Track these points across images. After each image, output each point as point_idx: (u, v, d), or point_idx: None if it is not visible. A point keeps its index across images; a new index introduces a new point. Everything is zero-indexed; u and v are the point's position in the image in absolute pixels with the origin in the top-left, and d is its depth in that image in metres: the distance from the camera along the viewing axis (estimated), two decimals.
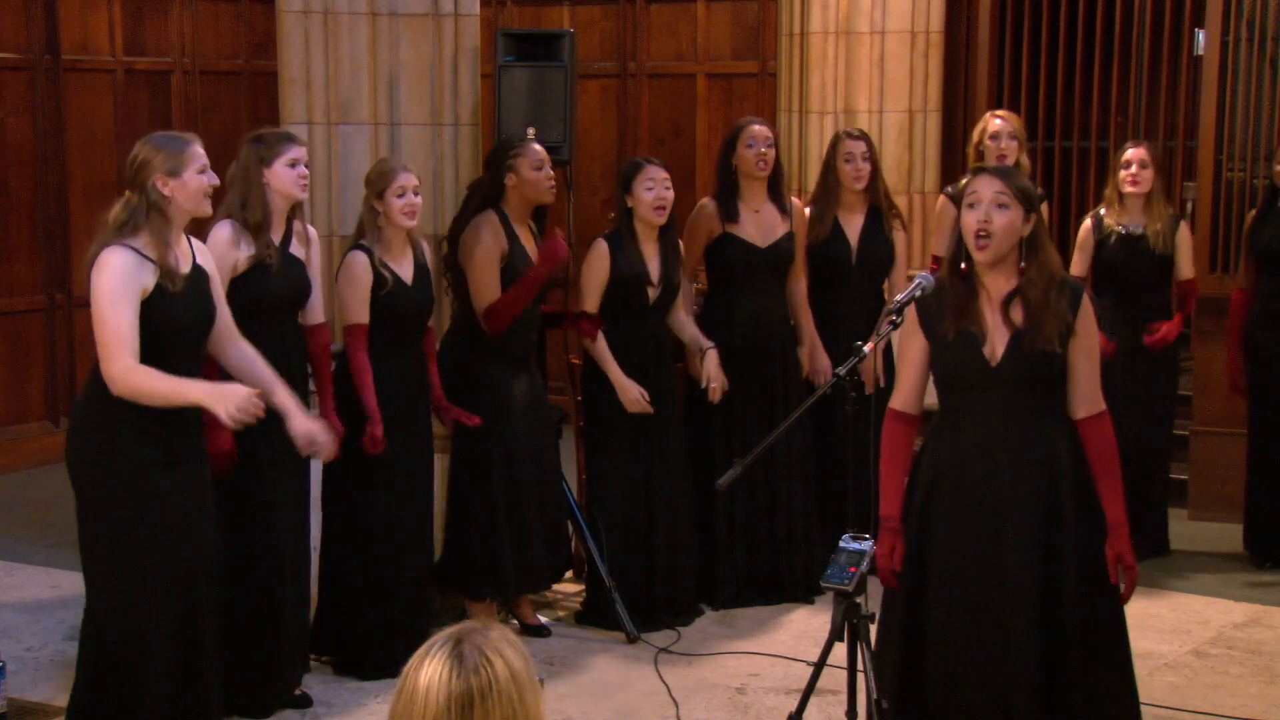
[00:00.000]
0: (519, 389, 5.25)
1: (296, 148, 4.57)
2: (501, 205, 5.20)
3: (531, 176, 5.18)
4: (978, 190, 3.63)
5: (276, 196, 4.54)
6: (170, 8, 8.48)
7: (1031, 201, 3.66)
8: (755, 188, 5.68)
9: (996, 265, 3.64)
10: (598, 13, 8.98)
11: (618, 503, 5.47)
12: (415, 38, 5.39)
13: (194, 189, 3.99)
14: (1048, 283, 3.62)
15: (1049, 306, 3.59)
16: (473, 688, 1.96)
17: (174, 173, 3.96)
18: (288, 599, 4.61)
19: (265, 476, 4.53)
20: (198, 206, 4.04)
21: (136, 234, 3.94)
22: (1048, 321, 3.59)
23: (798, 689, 4.01)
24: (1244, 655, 5.22)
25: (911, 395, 3.79)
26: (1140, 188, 6.10)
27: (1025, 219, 3.63)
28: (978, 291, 3.66)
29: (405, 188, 4.84)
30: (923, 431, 3.87)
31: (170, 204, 3.97)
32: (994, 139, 6.06)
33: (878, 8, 7.28)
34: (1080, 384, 3.66)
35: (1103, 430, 3.68)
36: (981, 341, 3.63)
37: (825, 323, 5.84)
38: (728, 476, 3.68)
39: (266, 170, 4.51)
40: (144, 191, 3.96)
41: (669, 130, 8.92)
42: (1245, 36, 6.63)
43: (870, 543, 3.60)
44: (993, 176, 3.67)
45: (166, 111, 8.31)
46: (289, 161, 4.53)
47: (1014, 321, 3.62)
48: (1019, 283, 3.63)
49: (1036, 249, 3.64)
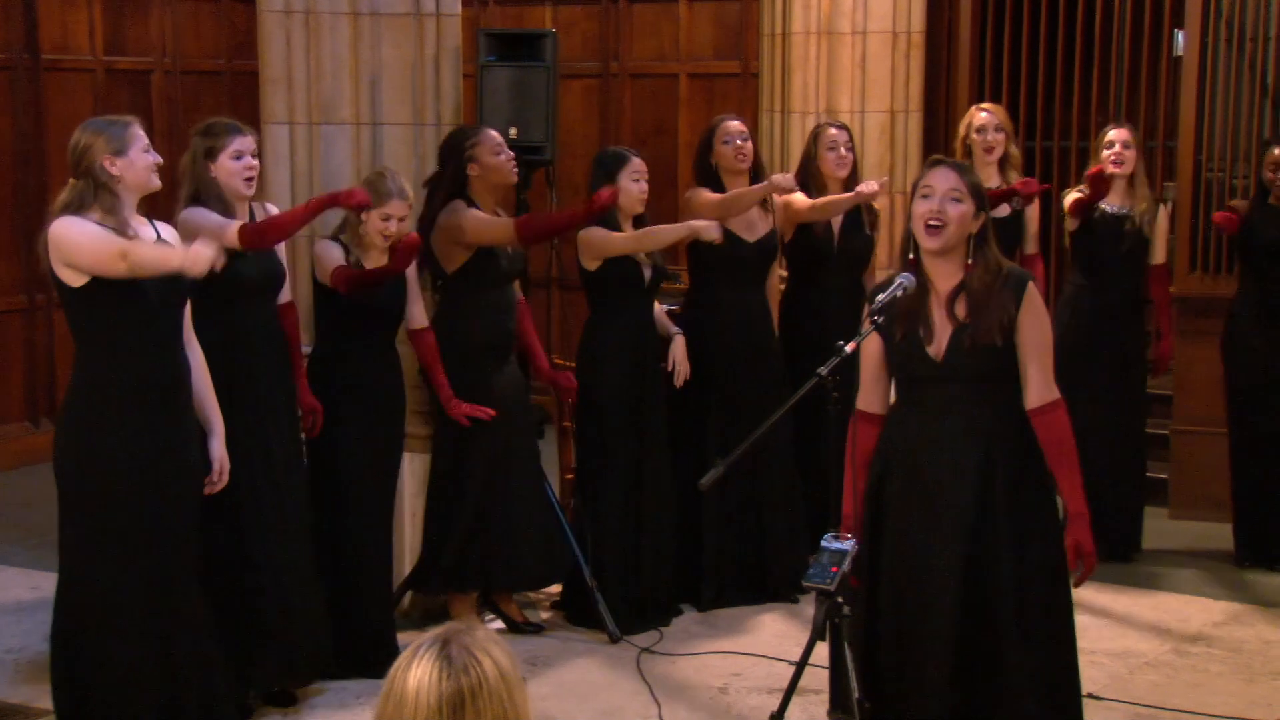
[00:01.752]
0: (501, 384, 5.24)
1: (241, 138, 4.53)
2: (469, 195, 5.19)
3: (493, 162, 5.17)
4: (932, 183, 3.64)
5: (225, 190, 4.52)
6: (151, 7, 8.45)
7: (983, 199, 3.68)
8: (737, 183, 5.68)
9: (945, 260, 3.65)
10: (580, 13, 8.98)
11: (610, 500, 5.46)
12: (397, 37, 5.38)
13: (141, 166, 4.02)
14: (992, 276, 3.64)
15: (991, 300, 3.61)
16: (463, 687, 1.97)
17: (120, 152, 3.98)
18: (268, 597, 4.59)
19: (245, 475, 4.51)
20: (147, 183, 4.05)
21: (86, 213, 3.96)
22: (988, 315, 3.60)
23: (780, 688, 4.01)
24: (1224, 654, 5.24)
25: (874, 395, 3.81)
26: (1124, 168, 6.13)
27: (976, 215, 3.65)
28: (926, 289, 3.69)
29: (391, 214, 4.84)
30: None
31: (119, 183, 3.99)
32: (980, 132, 6.08)
33: (859, 8, 7.28)
34: (1030, 374, 3.65)
35: (1056, 421, 3.66)
36: (928, 338, 3.66)
37: (807, 314, 5.85)
38: (710, 476, 3.68)
39: (212, 164, 4.50)
40: (90, 174, 3.97)
41: (651, 130, 8.92)
42: (1224, 37, 6.66)
43: (852, 542, 3.61)
44: (948, 170, 3.68)
45: (147, 111, 8.26)
46: (233, 154, 4.50)
47: (957, 317, 3.64)
48: (963, 278, 3.66)
49: (983, 245, 3.66)
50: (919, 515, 3.70)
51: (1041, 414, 3.66)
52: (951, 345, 3.64)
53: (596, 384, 5.47)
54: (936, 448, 3.67)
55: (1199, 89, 6.72)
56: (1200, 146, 6.74)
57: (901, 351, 3.71)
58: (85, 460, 4.02)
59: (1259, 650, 5.26)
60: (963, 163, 3.84)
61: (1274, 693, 4.87)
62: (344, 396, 4.88)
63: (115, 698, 4.07)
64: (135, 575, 4.04)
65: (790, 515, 5.76)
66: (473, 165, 5.16)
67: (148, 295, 3.99)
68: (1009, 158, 6.16)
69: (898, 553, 3.73)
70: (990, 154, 6.08)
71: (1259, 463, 6.20)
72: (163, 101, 8.48)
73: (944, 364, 3.65)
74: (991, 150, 6.07)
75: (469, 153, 5.16)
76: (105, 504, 4.01)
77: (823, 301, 5.85)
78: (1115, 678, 4.96)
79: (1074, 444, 3.69)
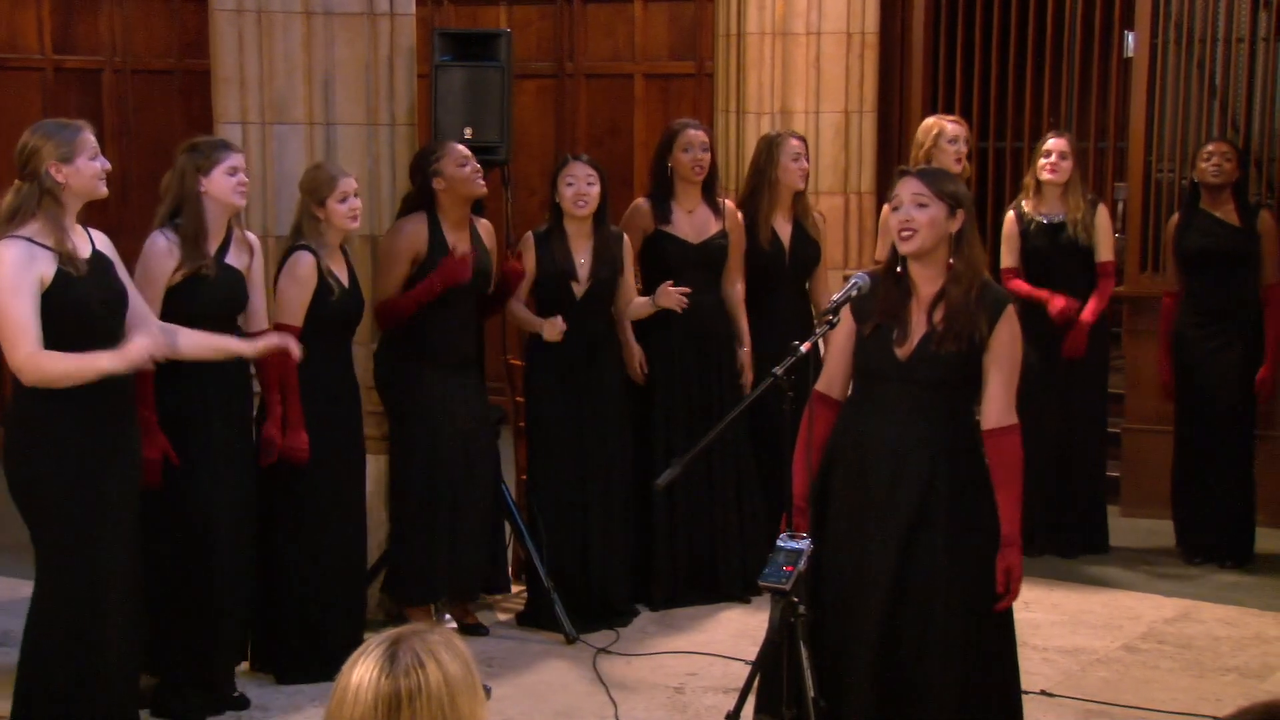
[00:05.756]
0: (452, 391, 5.22)
1: (235, 155, 4.53)
2: (435, 210, 5.18)
3: (459, 174, 5.16)
4: (899, 193, 3.72)
5: (214, 205, 4.49)
6: (100, 5, 8.37)
7: (956, 199, 3.71)
8: (690, 190, 5.72)
9: (926, 265, 3.69)
10: (534, 13, 8.97)
11: (557, 503, 5.46)
12: (350, 37, 5.35)
13: (89, 174, 3.99)
14: (971, 282, 3.67)
15: (966, 309, 3.65)
16: (401, 689, 1.96)
17: (67, 159, 3.95)
18: (225, 603, 4.58)
19: (201, 480, 4.49)
20: (93, 190, 4.03)
21: (27, 222, 3.93)
22: (960, 323, 3.64)
23: (736, 688, 4.02)
24: (1174, 650, 5.29)
25: (835, 379, 3.85)
26: (1058, 176, 6.19)
27: (950, 215, 3.68)
28: (910, 293, 3.72)
29: (347, 192, 4.82)
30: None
31: (65, 190, 3.96)
32: (953, 143, 6.14)
33: (813, 9, 7.32)
34: (992, 395, 3.70)
35: (1009, 445, 3.71)
36: (900, 339, 3.69)
37: (762, 323, 5.86)
38: (666, 476, 3.69)
39: (204, 179, 4.47)
40: (36, 179, 3.94)
41: (606, 130, 8.92)
42: (1174, 39, 6.73)
43: (807, 542, 3.62)
44: (911, 178, 3.73)
45: (97, 111, 8.18)
46: (228, 169, 4.49)
47: (933, 322, 3.68)
48: (944, 283, 3.68)
49: (964, 246, 3.69)
50: (858, 514, 3.73)
51: (995, 437, 3.71)
52: (919, 348, 3.67)
53: (543, 386, 5.46)
54: (884, 449, 3.70)
55: (1149, 90, 6.79)
56: (1150, 147, 6.80)
57: (868, 347, 3.73)
58: (30, 466, 3.99)
59: (1208, 646, 5.32)
60: (927, 168, 3.88)
61: (1223, 688, 4.92)
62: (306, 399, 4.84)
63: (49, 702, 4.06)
64: (73, 580, 4.02)
65: (742, 515, 5.77)
66: (438, 179, 5.15)
67: (89, 304, 3.97)
68: (962, 170, 6.23)
69: (837, 549, 3.75)
70: (959, 164, 6.12)
71: (1199, 462, 6.27)
72: (113, 101, 8.40)
73: (907, 365, 3.67)
74: (960, 161, 6.13)
75: (434, 166, 5.15)
76: (48, 510, 3.99)
77: (778, 308, 5.89)
78: (1067, 675, 5.00)
79: (1021, 470, 3.74)
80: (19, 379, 3.91)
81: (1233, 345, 6.17)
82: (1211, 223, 6.17)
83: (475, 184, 5.21)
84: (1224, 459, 6.23)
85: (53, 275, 3.91)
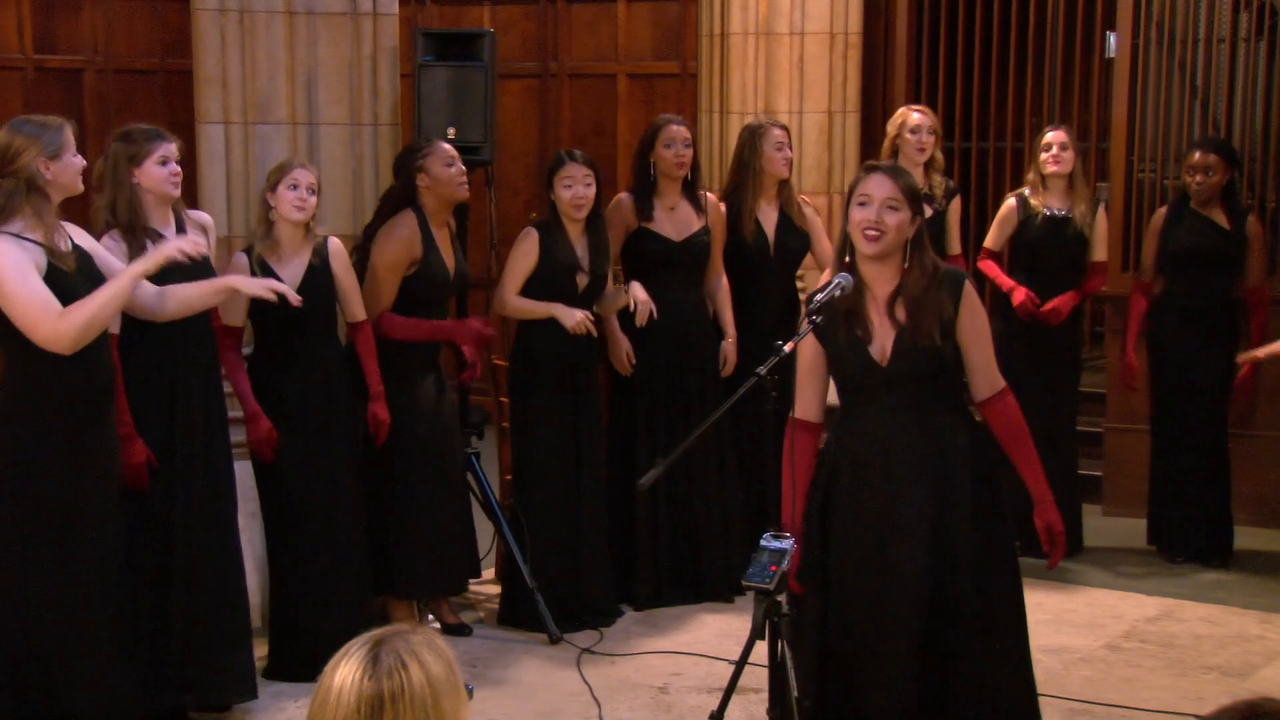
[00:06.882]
0: (423, 390, 5.22)
1: (166, 144, 4.47)
2: (419, 206, 5.17)
3: (444, 174, 5.15)
4: (869, 190, 3.65)
5: (149, 196, 4.46)
6: (82, 5, 8.33)
7: (918, 203, 3.71)
8: (672, 187, 5.71)
9: (882, 265, 3.68)
10: (518, 12, 8.96)
11: (544, 503, 5.46)
12: (334, 37, 5.35)
13: (74, 171, 4.03)
14: (928, 279, 3.67)
15: (928, 301, 3.65)
16: (383, 691, 1.96)
17: (55, 156, 3.97)
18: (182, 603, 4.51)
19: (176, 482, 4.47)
20: (74, 186, 4.06)
21: (12, 219, 3.92)
22: (927, 316, 3.64)
23: (720, 688, 4.03)
24: (1157, 648, 5.31)
25: (811, 404, 3.82)
26: (1062, 167, 6.20)
27: (912, 220, 3.68)
28: (863, 293, 3.71)
29: (298, 182, 4.78)
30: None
31: (51, 186, 3.97)
32: (914, 133, 6.13)
33: (797, 9, 7.33)
34: (975, 368, 3.71)
35: (1006, 409, 3.72)
36: (869, 343, 3.68)
37: (746, 315, 5.86)
38: (650, 476, 3.68)
39: (136, 170, 4.43)
40: (18, 176, 3.93)
41: (590, 130, 8.92)
42: (1155, 39, 6.75)
43: (791, 541, 3.62)
44: (884, 177, 3.68)
45: (79, 110, 8.14)
46: (159, 159, 4.44)
47: (898, 320, 3.67)
48: (900, 281, 3.68)
49: (919, 249, 3.69)
50: (875, 515, 3.70)
51: (991, 404, 3.72)
52: (896, 348, 3.66)
53: (530, 385, 5.46)
54: (891, 448, 3.68)
55: (1131, 90, 6.80)
56: (1132, 147, 6.82)
57: (845, 358, 3.72)
58: (11, 467, 3.98)
59: (1190, 645, 5.33)
60: (897, 167, 3.87)
61: (1205, 686, 4.94)
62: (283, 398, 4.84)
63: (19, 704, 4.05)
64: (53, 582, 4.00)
65: (725, 515, 5.77)
66: (422, 176, 5.14)
67: (80, 296, 3.95)
68: (934, 161, 6.24)
69: (850, 553, 3.73)
70: (921, 154, 6.14)
71: (1177, 462, 6.29)
72: (94, 101, 8.37)
73: (890, 367, 3.67)
74: (923, 150, 6.14)
75: (419, 163, 5.14)
76: (28, 511, 3.98)
77: (763, 300, 5.88)
78: (1050, 674, 5.00)
79: (1027, 429, 3.75)
80: (56, 349, 3.87)
81: (1210, 345, 6.19)
82: (1202, 223, 6.18)
83: (458, 186, 5.20)
84: (1202, 458, 6.24)
85: (45, 269, 3.91)
